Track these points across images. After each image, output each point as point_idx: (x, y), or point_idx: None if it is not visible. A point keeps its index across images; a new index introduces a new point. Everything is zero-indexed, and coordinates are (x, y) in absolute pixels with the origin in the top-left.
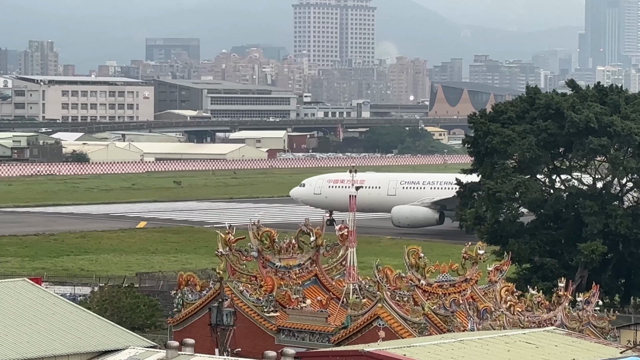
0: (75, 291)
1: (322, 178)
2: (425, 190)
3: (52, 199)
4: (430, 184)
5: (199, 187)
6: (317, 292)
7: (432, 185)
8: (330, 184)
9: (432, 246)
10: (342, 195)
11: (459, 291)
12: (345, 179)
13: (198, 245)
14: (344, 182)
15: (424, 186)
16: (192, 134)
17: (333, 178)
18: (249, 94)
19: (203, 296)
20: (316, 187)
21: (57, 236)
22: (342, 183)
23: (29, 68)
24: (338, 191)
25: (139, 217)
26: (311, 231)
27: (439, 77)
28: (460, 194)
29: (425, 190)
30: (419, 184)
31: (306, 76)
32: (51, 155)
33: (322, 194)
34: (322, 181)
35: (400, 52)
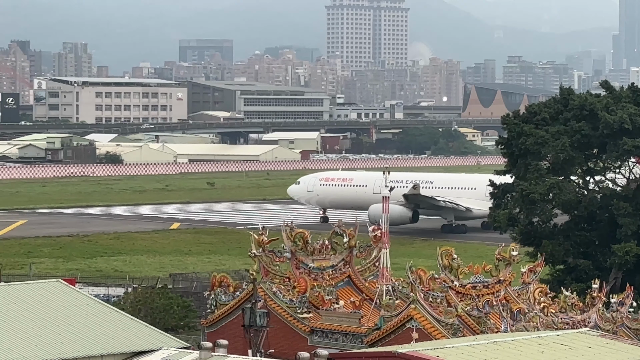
0: (108, 292)
1: (315, 176)
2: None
3: (85, 200)
4: (414, 182)
5: (232, 188)
6: (350, 293)
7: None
8: (322, 182)
9: (466, 247)
10: (333, 193)
11: (493, 292)
12: (336, 177)
13: (231, 247)
14: (334, 180)
15: (407, 185)
16: (226, 135)
17: (325, 176)
18: (282, 95)
19: (236, 297)
20: (309, 184)
21: (91, 237)
22: (332, 181)
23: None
24: (329, 189)
25: (173, 218)
26: (344, 232)
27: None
28: (493, 195)
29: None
30: (403, 182)
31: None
32: (85, 157)
33: (314, 192)
34: (315, 179)
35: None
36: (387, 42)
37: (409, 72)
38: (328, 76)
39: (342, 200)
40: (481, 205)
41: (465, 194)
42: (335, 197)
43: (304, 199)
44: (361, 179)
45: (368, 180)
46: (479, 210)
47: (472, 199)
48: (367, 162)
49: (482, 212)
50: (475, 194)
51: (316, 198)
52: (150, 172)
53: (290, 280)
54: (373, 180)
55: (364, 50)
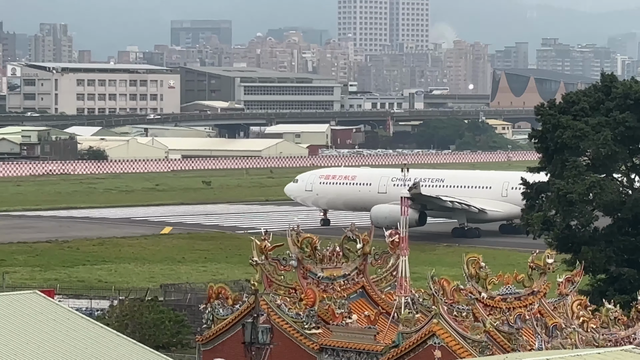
0: (92, 305)
1: (314, 173)
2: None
3: (66, 201)
4: (423, 180)
5: (231, 188)
6: (364, 306)
7: (425, 183)
8: (322, 179)
9: (495, 254)
10: (334, 193)
11: (525, 305)
12: (338, 174)
13: (230, 254)
14: (335, 177)
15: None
16: (223, 128)
17: (325, 173)
18: (287, 82)
19: (236, 311)
20: (308, 183)
21: (72, 243)
22: (334, 179)
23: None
24: (329, 188)
25: (164, 221)
26: (358, 237)
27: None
28: (525, 195)
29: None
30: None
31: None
32: (65, 152)
33: (313, 191)
34: (314, 176)
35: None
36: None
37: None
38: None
39: (344, 200)
40: (497, 206)
41: (480, 194)
42: (335, 197)
43: (302, 198)
44: (365, 177)
45: (373, 178)
46: (495, 212)
47: (487, 199)
48: (383, 158)
49: (499, 213)
50: (491, 194)
51: (315, 198)
52: (138, 169)
53: (296, 291)
54: (378, 177)
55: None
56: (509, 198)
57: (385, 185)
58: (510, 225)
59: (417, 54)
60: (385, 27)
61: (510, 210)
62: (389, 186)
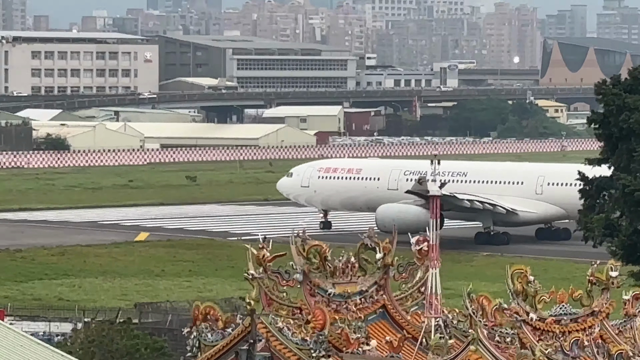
0: (50, 329)
1: (312, 166)
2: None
3: (18, 201)
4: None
5: (221, 185)
6: (385, 329)
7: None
8: (321, 173)
9: (546, 265)
10: (334, 190)
11: (584, 328)
12: (339, 167)
13: (220, 266)
14: (337, 171)
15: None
16: (212, 111)
17: (325, 166)
18: (291, 55)
19: (228, 336)
20: (304, 177)
21: (26, 253)
22: (334, 173)
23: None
24: (329, 183)
25: (139, 226)
26: (377, 245)
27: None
28: (584, 192)
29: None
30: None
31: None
32: (17, 141)
33: (310, 187)
34: (312, 170)
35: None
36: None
37: (467, 23)
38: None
39: (347, 198)
40: (530, 206)
41: (510, 190)
42: (336, 194)
43: (296, 195)
44: (373, 170)
45: (381, 172)
46: (528, 213)
47: (518, 197)
48: (408, 147)
49: (532, 215)
50: (523, 191)
51: (311, 195)
52: (107, 162)
53: (302, 311)
54: (388, 171)
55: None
56: (544, 196)
57: (397, 180)
58: (550, 229)
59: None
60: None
61: (546, 210)
62: (401, 181)
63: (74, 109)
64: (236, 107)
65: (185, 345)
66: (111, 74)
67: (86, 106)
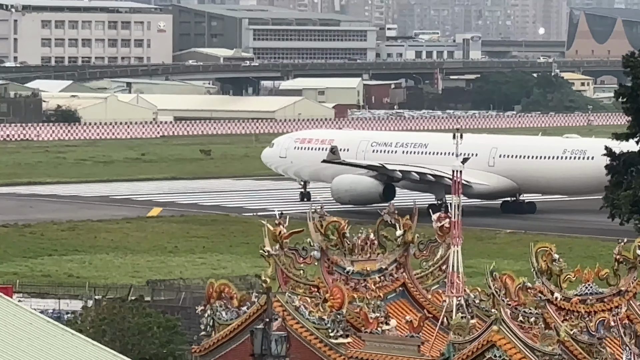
0: (60, 306)
1: (290, 137)
2: (397, 155)
3: (28, 174)
4: (404, 146)
5: (237, 159)
6: (405, 309)
7: (405, 149)
8: (297, 144)
9: (571, 243)
10: (310, 160)
11: (610, 308)
12: (314, 138)
13: (235, 242)
14: (311, 141)
15: (395, 149)
16: (227, 83)
17: (301, 137)
18: (308, 25)
19: (243, 314)
20: (282, 148)
21: (35, 228)
22: (309, 143)
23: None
24: (305, 154)
25: (151, 201)
26: (397, 222)
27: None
28: (611, 168)
29: (397, 154)
30: (391, 145)
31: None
32: (27, 113)
33: (287, 157)
34: (290, 141)
35: None
36: None
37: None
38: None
39: (316, 170)
40: (483, 178)
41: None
42: (309, 165)
43: (276, 166)
44: (344, 141)
45: (351, 143)
46: (481, 186)
47: (472, 169)
48: (429, 121)
49: (485, 187)
50: (477, 163)
51: (290, 167)
52: (119, 134)
53: (319, 290)
54: (357, 142)
55: None
56: (496, 168)
57: (364, 152)
58: (516, 202)
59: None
60: None
61: (498, 182)
62: (367, 152)
63: (85, 80)
64: (252, 79)
65: (199, 324)
66: (123, 44)
67: (97, 77)
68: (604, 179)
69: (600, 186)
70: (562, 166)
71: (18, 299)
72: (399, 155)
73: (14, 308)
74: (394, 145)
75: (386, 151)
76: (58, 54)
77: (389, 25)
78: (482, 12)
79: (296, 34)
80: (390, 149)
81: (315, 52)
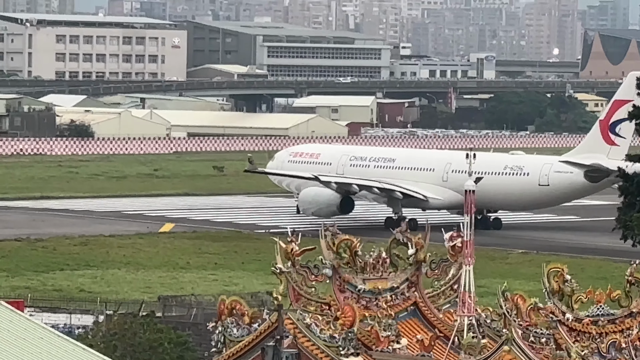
0: (71, 321)
1: (287, 151)
2: (369, 169)
3: (40, 189)
4: (376, 160)
5: (249, 176)
6: (416, 328)
7: (377, 163)
8: (291, 157)
9: (583, 264)
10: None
11: (621, 330)
12: (305, 152)
13: (247, 259)
14: (302, 155)
15: (368, 163)
16: (241, 100)
17: (295, 151)
18: (323, 43)
19: (254, 331)
20: (279, 161)
21: (47, 242)
22: (300, 157)
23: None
24: (296, 167)
25: (164, 216)
26: (410, 241)
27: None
28: (624, 190)
29: (369, 168)
30: (365, 160)
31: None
32: (40, 127)
33: (283, 171)
34: (286, 154)
35: None
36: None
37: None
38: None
39: (301, 182)
40: (438, 193)
41: (425, 177)
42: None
43: (275, 179)
44: (328, 155)
45: (334, 157)
46: (436, 200)
47: (429, 183)
48: (443, 140)
49: (439, 201)
50: (433, 177)
51: (283, 179)
52: (132, 150)
53: (331, 308)
54: (338, 157)
55: None
56: (448, 183)
57: (344, 166)
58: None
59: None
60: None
61: (451, 197)
62: (346, 166)
63: (99, 95)
64: (266, 96)
65: (209, 340)
66: (138, 59)
67: (111, 92)
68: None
69: (535, 202)
70: (503, 182)
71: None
72: (370, 170)
73: (26, 322)
74: (368, 159)
75: (361, 165)
76: (72, 68)
77: (403, 44)
78: (497, 32)
79: (310, 52)
80: (364, 163)
81: (329, 70)
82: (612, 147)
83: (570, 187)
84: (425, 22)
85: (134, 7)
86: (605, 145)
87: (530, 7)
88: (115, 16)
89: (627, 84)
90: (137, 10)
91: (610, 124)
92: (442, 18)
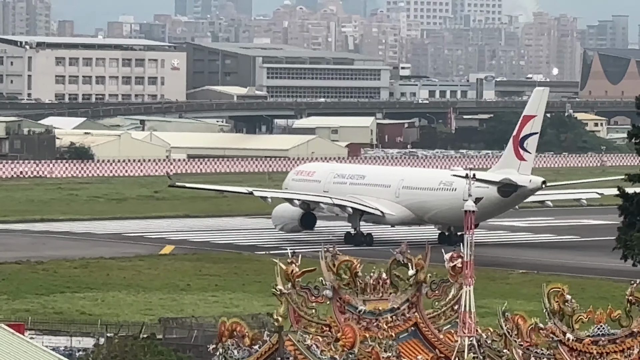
0: (72, 344)
1: (295, 170)
2: (345, 185)
3: (40, 211)
4: (351, 177)
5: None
6: (417, 348)
7: (352, 180)
8: (295, 176)
9: (584, 284)
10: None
11: (622, 350)
12: (305, 171)
13: (247, 280)
14: (303, 174)
15: (345, 180)
16: (241, 121)
17: (300, 169)
18: (322, 64)
19: (254, 353)
20: (285, 180)
21: (47, 265)
22: (301, 175)
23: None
24: (297, 185)
25: (164, 238)
26: (410, 261)
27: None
28: (624, 209)
29: (346, 185)
30: (344, 177)
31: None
32: (40, 150)
33: (288, 189)
34: (292, 173)
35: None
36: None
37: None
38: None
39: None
40: (391, 209)
41: (383, 193)
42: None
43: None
44: (320, 172)
45: (324, 174)
46: (390, 216)
47: (386, 199)
48: (442, 160)
49: (393, 217)
50: (389, 193)
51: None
52: (132, 172)
53: (331, 329)
54: (327, 174)
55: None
56: (400, 199)
57: (328, 182)
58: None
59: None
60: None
61: (402, 213)
62: (330, 183)
63: (99, 117)
64: (266, 117)
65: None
66: (137, 81)
67: (111, 114)
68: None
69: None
70: (437, 197)
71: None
72: (346, 186)
73: (26, 345)
74: (346, 177)
75: (341, 182)
76: (72, 91)
77: (403, 65)
78: (496, 52)
79: (310, 73)
80: (343, 180)
81: (328, 91)
82: (521, 162)
83: (487, 202)
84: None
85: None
86: (516, 160)
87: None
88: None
89: (533, 99)
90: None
91: (520, 139)
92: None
